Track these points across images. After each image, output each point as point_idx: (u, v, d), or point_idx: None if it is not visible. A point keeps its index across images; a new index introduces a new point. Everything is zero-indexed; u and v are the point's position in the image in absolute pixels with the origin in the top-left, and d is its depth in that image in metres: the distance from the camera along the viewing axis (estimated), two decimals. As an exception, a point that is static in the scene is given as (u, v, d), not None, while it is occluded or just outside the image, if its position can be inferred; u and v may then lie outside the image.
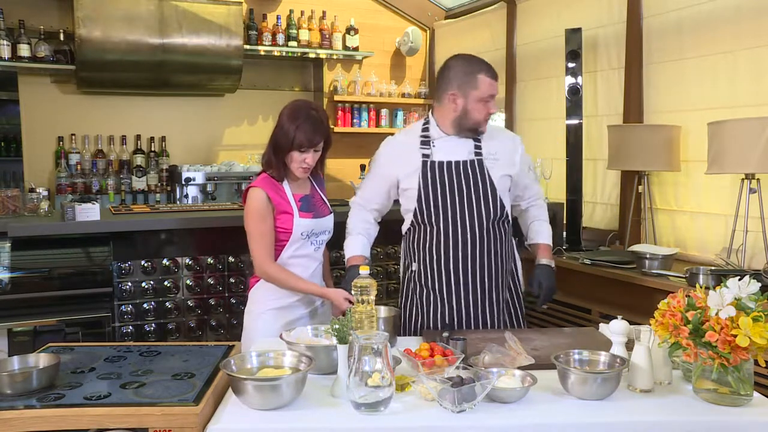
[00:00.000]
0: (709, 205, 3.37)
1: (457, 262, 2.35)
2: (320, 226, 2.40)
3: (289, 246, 2.32)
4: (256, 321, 2.33)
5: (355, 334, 1.61)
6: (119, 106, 4.96)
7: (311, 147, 2.27)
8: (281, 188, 2.33)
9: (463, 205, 2.34)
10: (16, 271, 2.84)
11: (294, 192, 2.36)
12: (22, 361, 1.75)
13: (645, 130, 3.48)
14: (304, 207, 2.37)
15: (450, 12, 5.79)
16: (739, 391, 1.60)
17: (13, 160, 4.53)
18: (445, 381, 1.57)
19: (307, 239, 2.36)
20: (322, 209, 2.44)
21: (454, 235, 2.34)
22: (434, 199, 2.34)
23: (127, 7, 4.47)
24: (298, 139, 2.24)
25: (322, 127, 2.29)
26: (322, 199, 2.48)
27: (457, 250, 2.34)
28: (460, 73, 2.33)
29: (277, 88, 5.52)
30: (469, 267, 2.36)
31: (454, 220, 2.34)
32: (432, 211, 2.35)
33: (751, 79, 3.13)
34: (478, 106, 2.32)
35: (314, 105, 2.36)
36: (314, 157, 2.31)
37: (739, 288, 1.58)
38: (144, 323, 3.04)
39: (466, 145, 2.39)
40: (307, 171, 2.32)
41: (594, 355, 1.78)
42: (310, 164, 2.30)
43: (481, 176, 2.36)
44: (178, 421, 1.51)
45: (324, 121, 2.31)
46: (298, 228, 2.32)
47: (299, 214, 2.32)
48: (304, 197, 2.39)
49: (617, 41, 3.90)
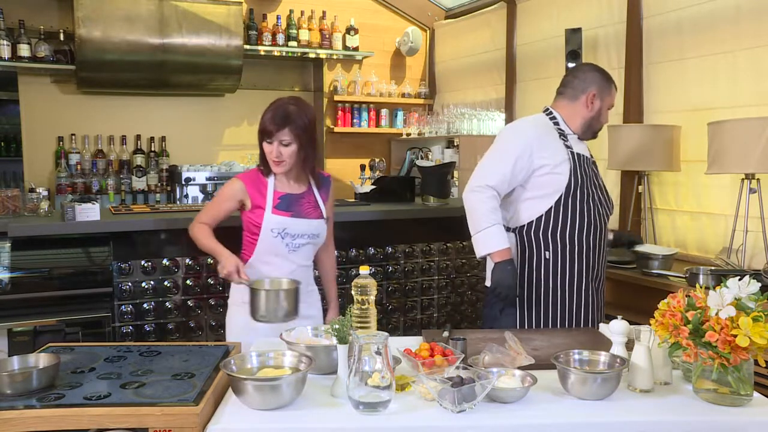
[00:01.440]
0: (709, 205, 3.37)
1: (588, 251, 2.47)
2: (297, 227, 2.33)
3: (260, 242, 2.30)
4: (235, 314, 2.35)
5: (355, 334, 1.61)
6: (119, 106, 4.96)
7: (272, 137, 2.23)
8: (264, 183, 2.33)
9: (597, 199, 2.49)
10: (16, 271, 2.83)
11: (278, 189, 2.33)
12: (22, 361, 1.75)
13: (645, 130, 3.48)
14: (283, 205, 2.32)
15: (450, 12, 5.80)
16: (739, 391, 1.60)
17: (13, 160, 4.54)
18: (445, 381, 1.57)
19: (280, 238, 2.30)
20: (308, 211, 2.37)
21: (588, 225, 2.45)
22: (581, 188, 2.43)
23: (127, 7, 4.47)
24: (260, 127, 2.26)
25: (287, 119, 2.23)
26: (315, 203, 2.41)
27: (589, 240, 2.46)
28: (600, 78, 2.52)
29: (277, 88, 5.52)
30: (600, 258, 2.51)
31: (589, 212, 2.46)
32: (578, 199, 2.43)
33: (751, 79, 3.13)
34: (606, 113, 2.55)
35: (295, 101, 2.31)
36: (281, 150, 2.25)
37: (739, 288, 1.58)
38: (144, 323, 3.04)
39: (584, 146, 2.58)
40: (279, 165, 2.28)
41: (594, 355, 1.77)
42: (276, 158, 2.26)
43: (599, 174, 2.59)
44: (178, 421, 1.50)
45: (294, 115, 2.24)
46: (268, 224, 2.29)
47: (272, 210, 2.29)
48: (286, 195, 2.35)
49: (617, 41, 3.90)
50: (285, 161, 2.28)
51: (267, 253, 2.33)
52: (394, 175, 5.22)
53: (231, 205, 2.36)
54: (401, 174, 4.77)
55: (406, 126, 5.54)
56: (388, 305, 3.58)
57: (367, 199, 4.05)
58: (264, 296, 2.14)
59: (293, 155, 2.28)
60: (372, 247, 3.53)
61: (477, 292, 3.79)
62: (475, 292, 3.79)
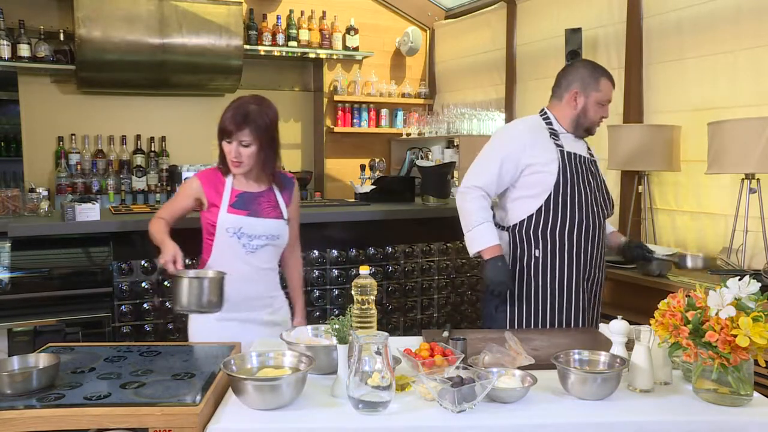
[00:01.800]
0: (709, 205, 3.37)
1: (579, 250, 2.47)
2: (253, 227, 2.26)
3: (216, 243, 2.26)
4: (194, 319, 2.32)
5: (355, 334, 1.61)
6: (119, 106, 4.96)
7: (231, 136, 2.18)
8: (222, 182, 2.28)
9: (590, 198, 2.49)
10: (16, 271, 2.83)
11: (236, 188, 2.29)
12: (22, 361, 1.75)
13: (645, 130, 3.48)
14: (239, 204, 2.27)
15: (450, 12, 5.80)
16: (739, 391, 1.60)
17: (13, 160, 4.54)
18: (445, 381, 1.57)
19: (236, 239, 2.25)
20: (266, 211, 2.30)
21: (579, 224, 2.46)
22: (571, 186, 2.44)
23: (127, 7, 4.47)
24: (220, 125, 2.21)
25: (247, 118, 2.18)
26: (275, 203, 2.34)
27: (579, 239, 2.47)
28: (585, 74, 2.51)
29: (277, 88, 5.52)
30: (590, 257, 2.50)
31: (579, 210, 2.46)
32: (568, 198, 2.44)
33: (751, 79, 3.13)
34: (595, 108, 2.51)
35: (258, 100, 2.26)
36: (241, 150, 2.20)
37: (739, 288, 1.58)
38: (144, 323, 3.04)
39: (582, 144, 2.58)
40: (237, 166, 2.23)
41: (594, 355, 1.78)
42: (234, 159, 2.21)
43: (598, 174, 2.57)
44: (178, 421, 1.50)
45: (255, 115, 2.19)
46: (223, 223, 2.24)
47: (228, 208, 2.24)
48: (244, 194, 2.29)
49: (617, 41, 3.90)
50: (244, 162, 2.22)
51: (224, 255, 2.26)
52: (394, 175, 5.22)
53: (187, 203, 2.32)
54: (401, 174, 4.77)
55: (406, 126, 5.54)
56: (388, 305, 3.58)
57: (367, 199, 4.05)
58: (186, 284, 2.06)
59: (253, 156, 2.22)
60: (372, 247, 3.53)
61: (477, 292, 3.79)
62: (475, 292, 3.79)
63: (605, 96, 2.50)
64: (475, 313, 3.80)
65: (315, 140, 5.67)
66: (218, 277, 2.10)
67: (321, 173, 5.54)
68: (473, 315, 3.80)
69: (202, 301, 2.06)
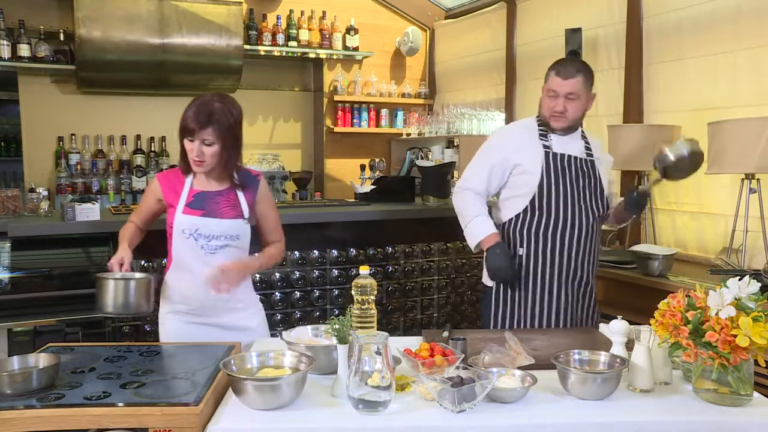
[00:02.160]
0: (709, 205, 3.37)
1: (563, 249, 2.49)
2: (210, 228, 2.19)
3: (174, 245, 2.22)
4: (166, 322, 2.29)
5: (355, 334, 1.61)
6: (119, 106, 4.96)
7: (194, 135, 2.12)
8: (181, 181, 2.24)
9: (576, 198, 2.49)
10: (16, 271, 2.83)
11: (195, 187, 2.23)
12: (22, 361, 1.75)
13: (645, 130, 3.48)
14: (195, 203, 2.20)
15: (450, 12, 5.80)
16: (739, 391, 1.60)
17: (13, 160, 4.54)
18: (445, 381, 1.57)
19: (193, 240, 2.18)
20: (223, 210, 2.22)
21: (564, 224, 2.48)
22: (555, 187, 2.47)
23: (127, 7, 4.46)
24: (182, 123, 2.14)
25: (211, 117, 2.11)
26: (234, 202, 2.25)
27: (564, 239, 2.48)
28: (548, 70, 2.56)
29: (277, 88, 5.52)
30: (573, 256, 2.50)
31: (565, 210, 2.47)
32: (552, 198, 2.47)
33: (751, 79, 3.13)
34: (545, 100, 2.53)
35: (221, 98, 2.19)
36: (203, 149, 2.13)
37: (739, 288, 1.58)
38: (144, 323, 3.04)
39: (578, 144, 2.56)
40: (199, 165, 2.16)
41: (594, 355, 1.78)
42: (197, 158, 2.14)
43: (592, 174, 2.54)
44: (178, 421, 1.51)
45: (219, 113, 2.12)
46: (179, 224, 2.19)
47: (184, 209, 2.19)
48: (201, 193, 2.23)
49: (617, 41, 3.90)
50: (206, 161, 2.16)
51: (185, 257, 2.20)
52: (394, 175, 5.22)
53: (151, 205, 2.30)
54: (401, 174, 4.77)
55: (406, 126, 5.54)
56: (388, 305, 3.58)
57: (367, 199, 4.05)
58: (112, 286, 2.02)
59: (216, 155, 2.16)
60: (372, 247, 3.53)
61: (477, 292, 3.79)
62: (475, 292, 3.79)
63: (549, 87, 2.50)
64: (474, 313, 3.80)
65: (315, 140, 5.67)
66: (145, 280, 2.06)
67: (321, 173, 5.54)
68: (473, 315, 3.80)
69: (129, 303, 2.02)
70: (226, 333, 2.25)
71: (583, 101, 2.51)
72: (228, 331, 2.26)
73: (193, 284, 2.19)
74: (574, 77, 2.45)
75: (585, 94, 2.50)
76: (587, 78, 2.50)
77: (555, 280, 2.51)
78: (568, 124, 2.51)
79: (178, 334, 2.24)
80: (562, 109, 2.47)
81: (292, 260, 3.35)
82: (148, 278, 2.08)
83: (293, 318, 3.36)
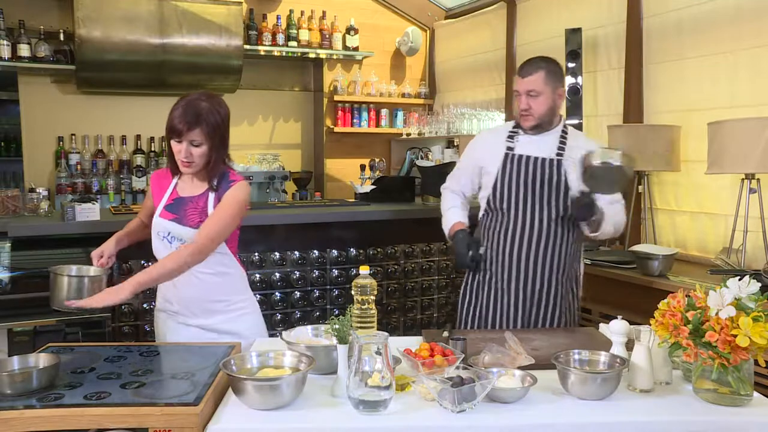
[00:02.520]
0: (709, 205, 3.37)
1: (521, 250, 2.49)
2: (179, 233, 2.15)
3: (154, 244, 2.21)
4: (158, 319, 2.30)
5: (355, 334, 1.61)
6: (119, 106, 4.96)
7: (180, 136, 2.09)
8: (168, 183, 2.23)
9: (534, 198, 2.48)
10: (16, 271, 2.83)
11: (178, 189, 2.22)
12: (22, 361, 1.75)
13: (645, 130, 3.48)
14: (173, 208, 2.18)
15: (450, 12, 5.80)
16: (739, 391, 1.60)
17: (13, 160, 4.53)
18: (445, 381, 1.57)
19: (167, 242, 2.16)
20: (190, 218, 2.15)
21: (522, 225, 2.49)
22: (508, 188, 2.50)
23: (127, 7, 4.47)
24: (168, 124, 2.12)
25: (199, 118, 2.08)
26: (204, 208, 2.16)
27: (522, 239, 2.49)
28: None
29: (277, 88, 5.52)
30: (532, 257, 2.49)
31: (524, 210, 2.49)
32: (504, 199, 2.51)
33: (751, 79, 3.13)
34: (514, 101, 2.57)
35: (208, 97, 2.15)
36: (191, 150, 2.09)
37: (739, 288, 1.58)
38: (144, 323, 3.04)
39: (551, 143, 2.52)
40: (186, 166, 2.12)
41: (594, 355, 1.78)
42: (185, 159, 2.10)
43: (557, 175, 2.47)
44: (178, 421, 1.50)
45: (206, 113, 2.09)
46: (155, 226, 2.18)
47: (161, 212, 2.18)
48: (180, 198, 2.19)
49: (617, 41, 3.90)
50: (195, 162, 2.12)
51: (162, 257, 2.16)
52: (394, 175, 5.22)
53: (149, 202, 2.32)
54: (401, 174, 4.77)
55: (406, 126, 5.54)
56: (388, 305, 3.58)
57: (367, 199, 4.05)
58: (65, 282, 2.01)
59: (204, 156, 2.12)
60: (372, 247, 3.53)
61: (477, 292, 3.78)
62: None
63: (514, 87, 2.54)
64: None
65: (315, 140, 5.67)
66: (97, 278, 2.04)
67: (321, 173, 5.54)
68: (473, 315, 3.79)
69: (82, 297, 2.00)
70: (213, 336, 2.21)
71: (548, 97, 2.46)
72: (214, 334, 2.21)
73: (171, 284, 2.17)
74: (532, 74, 2.45)
75: (549, 90, 2.46)
76: (549, 73, 2.46)
77: (513, 281, 2.52)
78: (536, 122, 2.48)
79: (165, 331, 2.26)
80: (525, 106, 2.46)
81: (292, 260, 3.35)
82: (100, 276, 2.07)
83: (293, 318, 3.36)
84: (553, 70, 2.49)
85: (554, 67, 2.51)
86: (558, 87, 2.50)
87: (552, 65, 2.51)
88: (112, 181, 4.76)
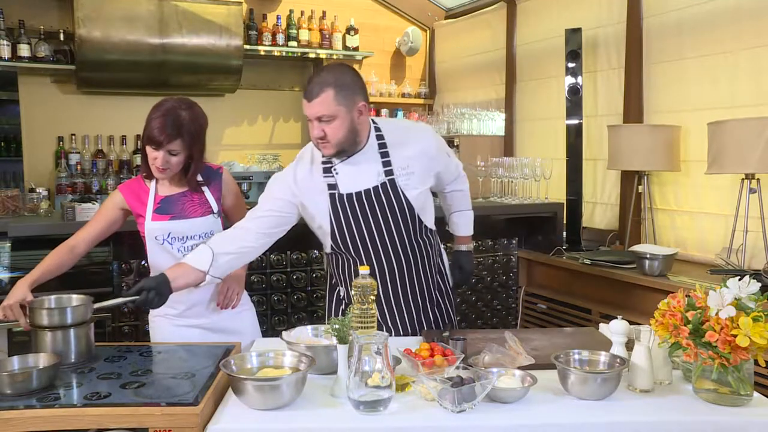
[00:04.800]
0: (709, 205, 3.37)
1: (385, 285, 2.22)
2: (181, 230, 2.18)
3: (149, 250, 2.21)
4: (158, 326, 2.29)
5: (355, 334, 1.61)
6: (119, 106, 4.96)
7: (159, 146, 2.08)
8: (145, 190, 2.21)
9: (381, 232, 2.17)
10: (16, 271, 2.83)
11: (160, 192, 2.21)
12: (22, 361, 1.75)
13: (645, 130, 3.48)
14: (163, 208, 2.19)
15: (450, 12, 5.79)
16: (739, 391, 1.60)
17: (13, 160, 4.53)
18: (445, 381, 1.57)
19: (168, 244, 2.18)
20: (191, 210, 2.20)
21: (378, 263, 2.20)
22: (349, 234, 2.17)
23: (127, 7, 4.47)
24: (146, 133, 2.10)
25: (179, 129, 2.08)
26: (201, 199, 2.23)
27: (382, 276, 2.21)
28: None
29: (277, 88, 5.52)
30: (398, 287, 2.24)
31: (374, 250, 2.18)
32: (349, 245, 2.18)
33: (751, 79, 3.13)
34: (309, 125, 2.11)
35: (187, 105, 2.14)
36: (169, 159, 2.10)
37: (739, 288, 1.58)
38: (144, 323, 3.04)
39: (373, 163, 2.15)
40: (161, 172, 2.13)
41: (594, 355, 1.77)
42: (159, 166, 2.10)
43: (395, 198, 2.16)
44: (178, 421, 1.51)
45: (187, 123, 2.10)
46: (150, 232, 2.18)
47: (152, 216, 2.18)
48: (167, 198, 2.21)
49: (617, 41, 3.90)
50: (171, 169, 2.14)
51: (162, 263, 2.16)
52: (394, 175, 5.21)
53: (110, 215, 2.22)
54: (401, 174, 4.76)
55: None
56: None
57: (367, 199, 4.04)
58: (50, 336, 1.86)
59: (181, 163, 2.15)
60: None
61: (477, 292, 3.79)
62: (475, 292, 3.79)
63: (304, 110, 2.07)
64: (475, 313, 3.80)
65: (315, 140, 5.66)
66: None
67: (321, 173, 5.53)
68: (473, 315, 3.80)
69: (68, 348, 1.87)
70: (214, 335, 2.25)
71: (343, 119, 2.03)
72: (215, 333, 2.26)
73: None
74: (319, 95, 1.99)
75: (343, 111, 2.02)
76: (340, 90, 2.00)
77: (385, 311, 2.24)
78: (336, 149, 2.07)
79: (164, 336, 2.26)
80: (319, 134, 2.03)
81: (292, 260, 3.35)
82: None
83: (293, 318, 3.36)
84: (345, 84, 2.02)
85: (346, 79, 2.04)
86: (356, 102, 2.05)
87: (342, 77, 2.04)
88: (112, 181, 4.76)
